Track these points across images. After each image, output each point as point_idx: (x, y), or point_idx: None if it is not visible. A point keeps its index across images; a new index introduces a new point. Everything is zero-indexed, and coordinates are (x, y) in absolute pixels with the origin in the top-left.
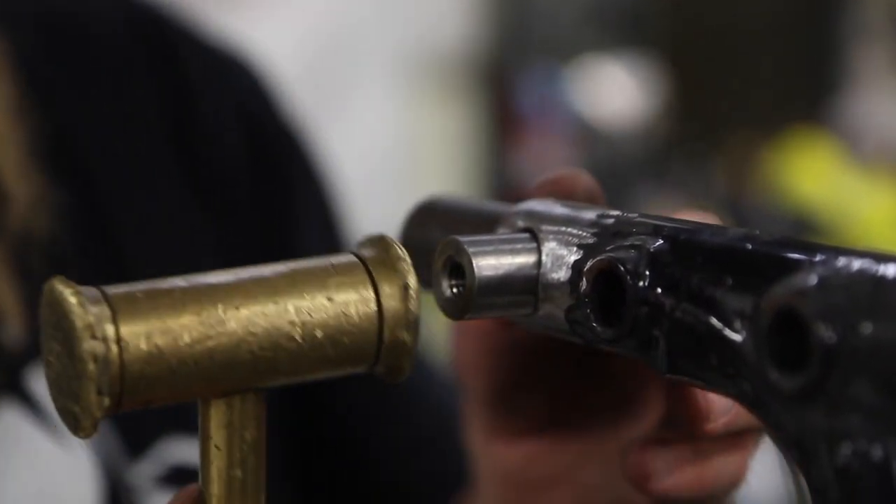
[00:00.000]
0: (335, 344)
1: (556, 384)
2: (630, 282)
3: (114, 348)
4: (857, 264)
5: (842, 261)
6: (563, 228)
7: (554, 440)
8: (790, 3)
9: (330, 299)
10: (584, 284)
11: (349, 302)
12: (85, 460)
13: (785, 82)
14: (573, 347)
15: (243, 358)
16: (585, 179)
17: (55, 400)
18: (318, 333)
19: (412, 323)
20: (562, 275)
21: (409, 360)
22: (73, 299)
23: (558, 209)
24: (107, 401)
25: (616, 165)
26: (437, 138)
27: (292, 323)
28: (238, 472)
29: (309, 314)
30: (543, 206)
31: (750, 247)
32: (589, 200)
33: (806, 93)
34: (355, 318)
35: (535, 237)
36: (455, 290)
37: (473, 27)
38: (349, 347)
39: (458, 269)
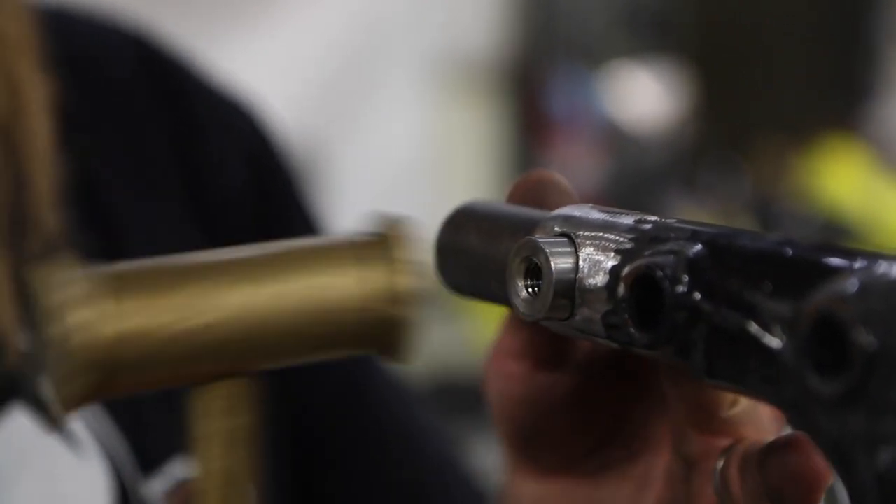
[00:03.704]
0: (318, 323)
1: (573, 432)
2: (668, 287)
3: (83, 333)
4: None
5: (882, 266)
6: (601, 234)
7: (566, 484)
8: (821, 7)
9: (313, 280)
10: (621, 290)
11: (332, 282)
12: (98, 469)
13: (815, 87)
14: (593, 397)
15: (223, 340)
16: (554, 178)
17: (47, 390)
18: (301, 314)
19: (399, 297)
20: (599, 280)
21: (401, 335)
22: (45, 282)
23: (595, 214)
24: (79, 387)
25: (645, 170)
26: (465, 142)
27: (274, 304)
28: (227, 463)
29: (290, 296)
30: (581, 211)
31: (790, 252)
32: (562, 198)
33: (837, 98)
34: (337, 295)
35: (572, 242)
36: (532, 290)
37: (503, 32)
38: (334, 325)
39: (536, 269)
